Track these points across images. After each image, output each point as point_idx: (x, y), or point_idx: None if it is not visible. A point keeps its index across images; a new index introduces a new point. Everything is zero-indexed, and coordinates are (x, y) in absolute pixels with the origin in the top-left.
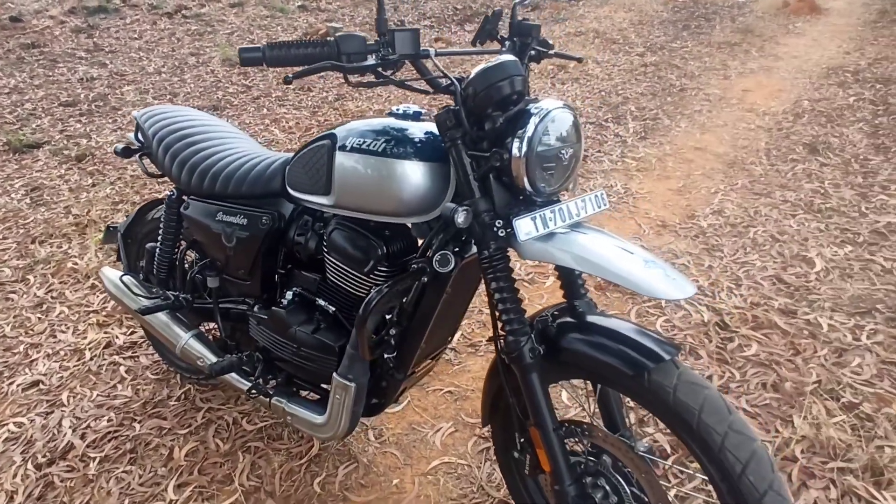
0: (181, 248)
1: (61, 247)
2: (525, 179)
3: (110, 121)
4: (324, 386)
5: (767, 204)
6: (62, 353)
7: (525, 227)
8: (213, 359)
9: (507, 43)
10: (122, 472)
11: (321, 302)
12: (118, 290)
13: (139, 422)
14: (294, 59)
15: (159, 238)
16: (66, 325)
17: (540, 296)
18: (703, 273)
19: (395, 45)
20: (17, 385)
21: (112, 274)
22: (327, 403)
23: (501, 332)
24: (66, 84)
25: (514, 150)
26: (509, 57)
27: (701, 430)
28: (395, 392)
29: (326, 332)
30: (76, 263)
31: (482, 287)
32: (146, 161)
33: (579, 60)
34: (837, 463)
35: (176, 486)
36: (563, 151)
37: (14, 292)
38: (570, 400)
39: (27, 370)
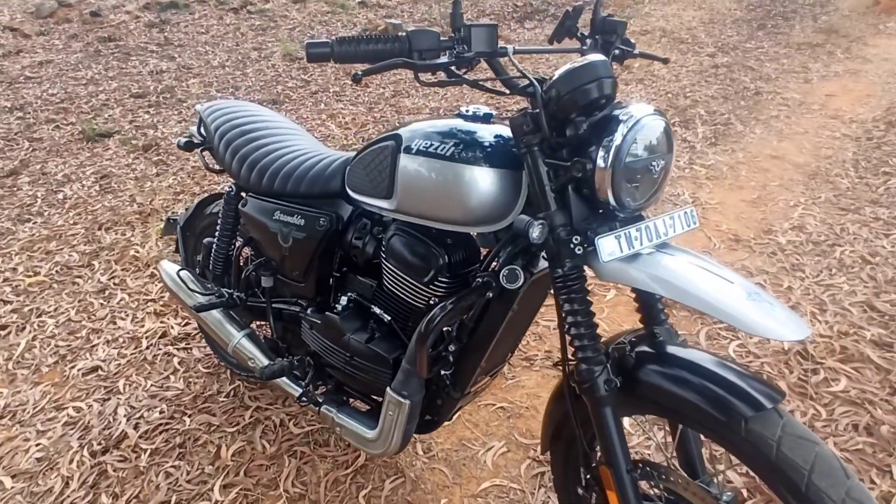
0: (238, 244)
1: (125, 234)
2: (610, 193)
3: (176, 112)
4: (375, 397)
5: (856, 221)
6: (121, 339)
7: (608, 246)
8: (265, 360)
9: (588, 41)
10: (171, 466)
11: (376, 310)
12: (175, 285)
13: (189, 416)
14: (363, 56)
15: (216, 234)
16: (125, 311)
17: (600, 310)
18: (783, 295)
19: (470, 41)
20: (78, 369)
21: (170, 268)
22: (379, 416)
23: (572, 359)
24: (138, 76)
25: (600, 161)
26: (599, 57)
27: (811, 493)
28: (451, 411)
29: (381, 342)
30: (138, 252)
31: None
32: (207, 155)
33: (665, 61)
34: None
35: (222, 486)
36: (652, 163)
37: (80, 276)
38: (634, 428)
39: (88, 355)
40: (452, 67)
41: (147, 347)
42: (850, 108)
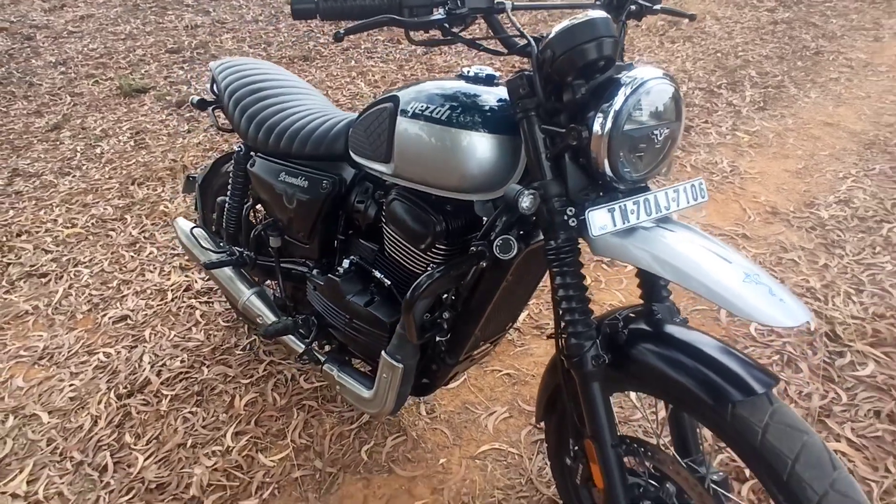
0: (248, 204)
1: (156, 189)
2: (606, 162)
3: (207, 69)
4: (376, 359)
5: None
6: (149, 291)
7: (600, 219)
8: (272, 317)
9: None
10: (189, 412)
11: (377, 274)
12: (189, 242)
13: (207, 366)
14: (350, 12)
15: (228, 193)
16: (154, 265)
17: (619, 280)
18: (817, 272)
19: None
20: (109, 317)
21: (185, 224)
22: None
23: (563, 332)
24: (174, 31)
25: (596, 127)
26: (599, 13)
27: (793, 483)
28: (446, 376)
29: (380, 306)
30: (167, 207)
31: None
32: (218, 114)
33: (691, 18)
34: None
35: (234, 433)
36: (656, 131)
37: (113, 230)
38: (638, 401)
39: (118, 304)
40: (446, 25)
41: (172, 300)
42: None
